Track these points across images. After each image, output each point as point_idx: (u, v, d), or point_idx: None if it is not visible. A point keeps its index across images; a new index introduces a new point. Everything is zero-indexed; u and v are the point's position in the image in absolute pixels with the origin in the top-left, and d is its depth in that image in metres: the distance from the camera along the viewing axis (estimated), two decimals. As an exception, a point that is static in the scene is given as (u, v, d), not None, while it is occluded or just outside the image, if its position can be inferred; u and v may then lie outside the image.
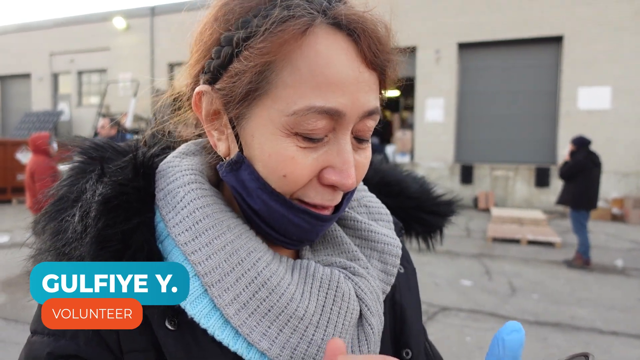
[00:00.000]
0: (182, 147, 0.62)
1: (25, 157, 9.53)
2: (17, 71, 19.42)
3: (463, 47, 12.41)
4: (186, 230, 0.50)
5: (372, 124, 0.52)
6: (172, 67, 15.38)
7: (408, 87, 11.26)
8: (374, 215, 0.69)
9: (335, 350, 0.40)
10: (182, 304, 0.47)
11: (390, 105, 15.14)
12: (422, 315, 0.72)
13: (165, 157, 0.60)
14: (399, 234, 0.70)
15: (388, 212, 0.71)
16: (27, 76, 19.28)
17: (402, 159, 12.82)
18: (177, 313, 0.48)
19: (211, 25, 0.51)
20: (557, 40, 11.56)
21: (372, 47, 0.48)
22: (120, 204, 0.49)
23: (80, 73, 18.34)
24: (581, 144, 6.31)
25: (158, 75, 0.61)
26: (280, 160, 0.49)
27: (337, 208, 0.56)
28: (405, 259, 0.70)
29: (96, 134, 13.98)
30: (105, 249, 0.47)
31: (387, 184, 0.79)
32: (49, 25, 18.51)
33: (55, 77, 18.83)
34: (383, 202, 0.73)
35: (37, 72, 18.82)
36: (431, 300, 4.74)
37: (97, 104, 17.00)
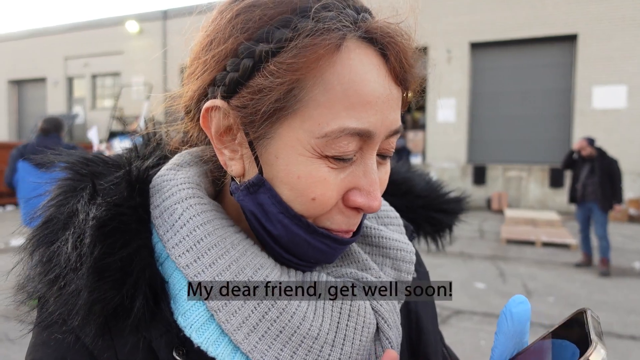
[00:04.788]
0: (176, 158, 0.57)
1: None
2: (33, 75, 19.77)
3: (475, 46, 12.31)
4: (187, 251, 0.46)
5: (394, 140, 0.51)
6: (183, 70, 15.59)
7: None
8: (383, 220, 0.65)
9: None
10: (187, 332, 0.45)
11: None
12: (437, 321, 0.70)
13: (159, 169, 0.55)
14: (410, 238, 0.67)
15: (397, 215, 0.67)
16: (42, 80, 19.62)
17: (414, 160, 12.74)
18: (183, 342, 0.46)
19: (224, 31, 0.46)
20: (571, 38, 11.40)
21: (401, 64, 0.46)
22: (118, 227, 0.45)
23: (94, 76, 18.62)
24: (593, 143, 6.19)
25: (170, 78, 0.56)
26: (311, 183, 0.45)
27: (357, 228, 0.54)
28: (418, 263, 0.67)
29: (112, 133, 14.18)
30: (104, 279, 0.43)
31: (394, 182, 0.75)
32: (64, 30, 18.82)
33: (70, 80, 19.12)
34: (390, 202, 0.70)
35: (52, 76, 19.14)
36: (444, 304, 4.69)
37: (110, 106, 17.24)
